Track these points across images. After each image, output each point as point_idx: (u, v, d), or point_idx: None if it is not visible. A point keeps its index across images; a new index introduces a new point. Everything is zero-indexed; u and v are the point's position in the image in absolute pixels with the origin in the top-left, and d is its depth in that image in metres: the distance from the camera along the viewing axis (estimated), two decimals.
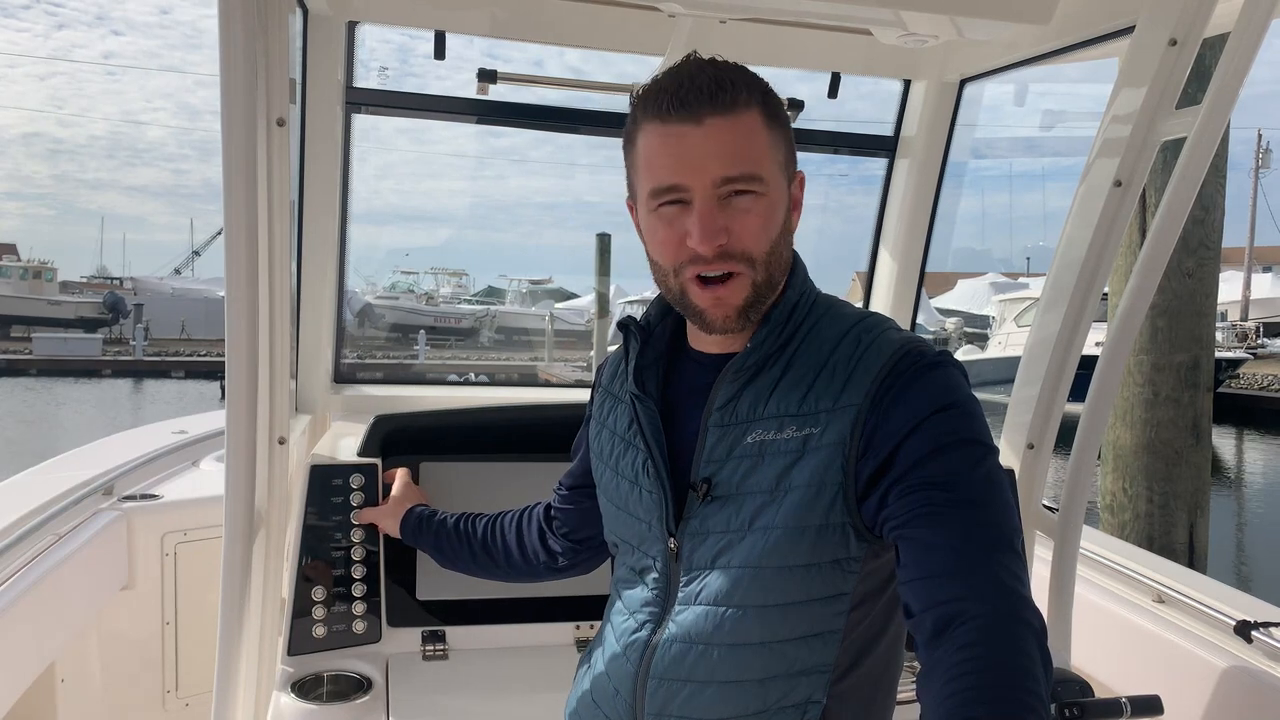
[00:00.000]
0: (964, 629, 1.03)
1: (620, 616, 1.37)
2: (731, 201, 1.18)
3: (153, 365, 32.52)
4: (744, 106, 1.18)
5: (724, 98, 1.17)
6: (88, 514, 2.49)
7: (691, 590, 1.26)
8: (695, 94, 1.16)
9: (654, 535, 1.31)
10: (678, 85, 1.18)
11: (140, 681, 2.68)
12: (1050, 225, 56.57)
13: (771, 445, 1.21)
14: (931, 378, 1.17)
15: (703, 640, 1.24)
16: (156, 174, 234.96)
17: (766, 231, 1.20)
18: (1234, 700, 1.87)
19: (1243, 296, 35.82)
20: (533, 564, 1.72)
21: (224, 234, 1.50)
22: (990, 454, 1.15)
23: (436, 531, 1.81)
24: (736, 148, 1.17)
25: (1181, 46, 1.84)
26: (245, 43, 1.45)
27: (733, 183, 1.18)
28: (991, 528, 1.09)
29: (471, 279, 54.09)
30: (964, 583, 1.06)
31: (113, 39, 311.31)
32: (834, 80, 2.57)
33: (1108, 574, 2.37)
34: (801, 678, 1.22)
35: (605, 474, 1.42)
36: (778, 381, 1.23)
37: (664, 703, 1.25)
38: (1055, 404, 2.05)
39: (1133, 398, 5.83)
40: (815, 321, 1.26)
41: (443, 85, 2.63)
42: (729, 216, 1.18)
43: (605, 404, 1.46)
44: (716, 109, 1.16)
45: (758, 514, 1.21)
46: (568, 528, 1.66)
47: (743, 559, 1.21)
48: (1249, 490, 16.87)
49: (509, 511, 1.78)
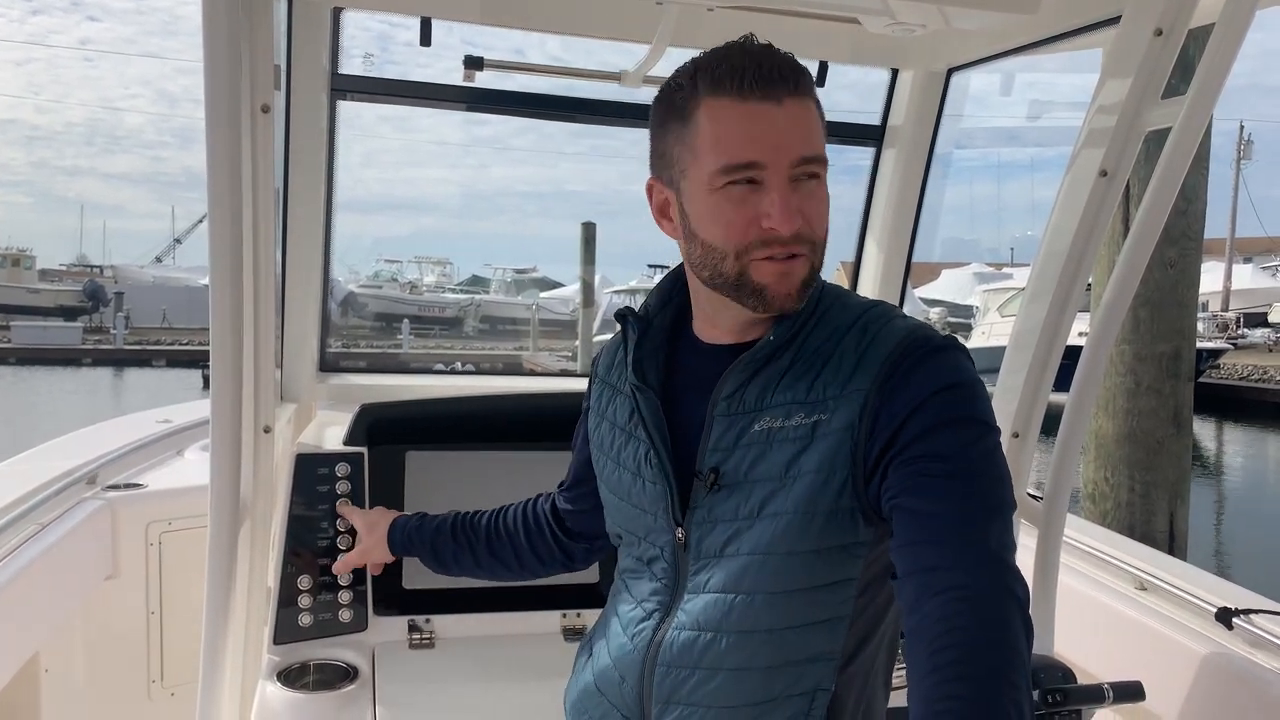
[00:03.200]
0: (947, 597, 1.04)
1: (627, 606, 1.37)
2: (801, 185, 1.19)
3: (133, 354, 32.28)
4: (810, 93, 1.20)
5: (803, 81, 1.19)
6: (71, 503, 2.48)
7: (700, 579, 1.27)
8: (777, 75, 1.17)
9: (660, 526, 1.31)
10: (758, 65, 1.17)
11: (125, 671, 2.67)
12: (1036, 216, 56.65)
13: (780, 432, 1.21)
14: (936, 361, 1.18)
15: (711, 627, 1.24)
16: (135, 161, 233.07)
17: (826, 216, 1.23)
18: (1215, 686, 1.89)
19: (1223, 287, 36.14)
20: (548, 564, 1.70)
21: (208, 221, 1.49)
22: (990, 433, 1.16)
23: (432, 540, 1.74)
24: (810, 130, 1.19)
25: (1167, 37, 1.85)
26: (229, 28, 1.44)
27: (808, 164, 1.19)
28: (983, 498, 1.11)
29: (456, 268, 53.97)
30: (951, 549, 1.07)
31: (89, 25, 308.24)
32: (821, 69, 2.57)
33: (1090, 561, 2.39)
34: (810, 664, 1.23)
35: (607, 466, 1.42)
36: (786, 370, 1.23)
37: (672, 690, 1.26)
38: (1040, 393, 2.06)
39: (1115, 387, 5.87)
40: (824, 311, 1.26)
41: (424, 74, 2.62)
42: (800, 199, 1.19)
43: (603, 395, 1.45)
44: (795, 92, 1.17)
45: (767, 500, 1.21)
46: (581, 529, 1.64)
47: (752, 545, 1.22)
48: (1228, 479, 17.04)
49: (506, 509, 1.73)
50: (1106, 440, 5.95)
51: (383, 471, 2.08)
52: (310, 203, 2.48)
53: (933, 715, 1.00)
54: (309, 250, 2.52)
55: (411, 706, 1.80)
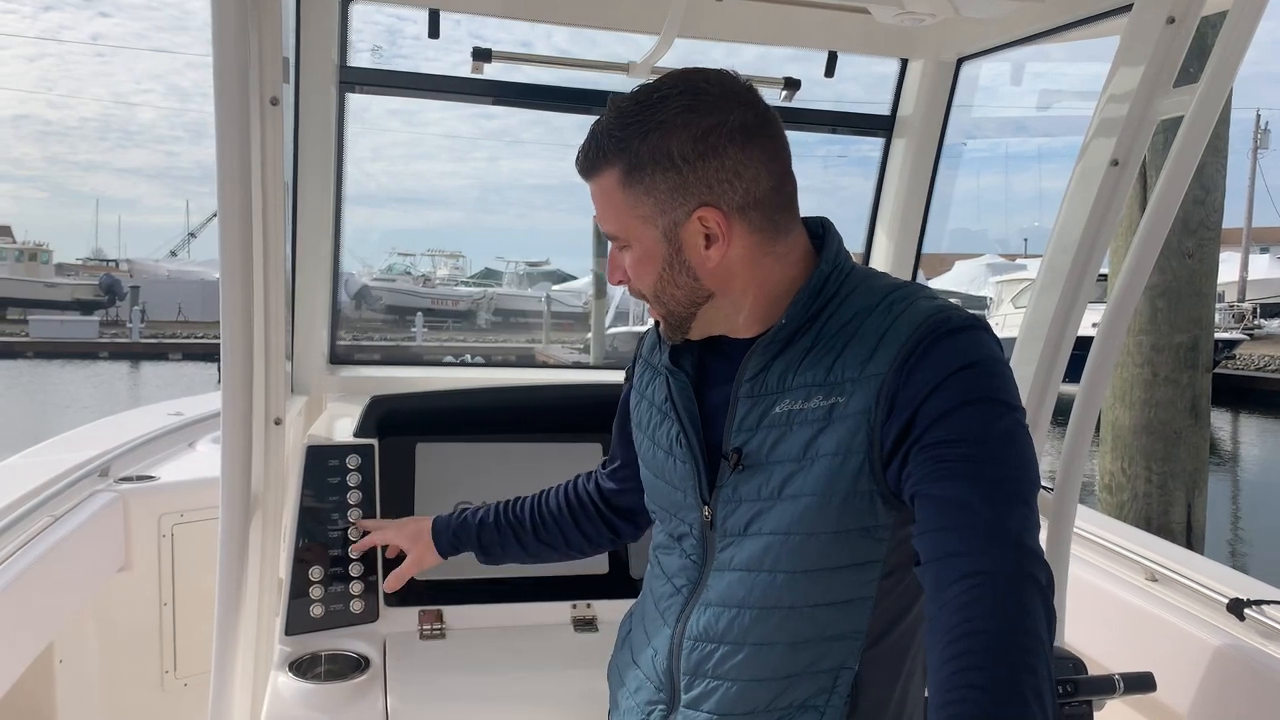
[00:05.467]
0: (967, 584, 1.04)
1: (659, 581, 1.42)
2: (625, 250, 1.30)
3: (150, 348, 32.47)
4: (605, 167, 1.25)
5: (587, 164, 1.27)
6: (84, 495, 2.50)
7: (726, 556, 1.30)
8: (580, 158, 1.28)
9: (689, 503, 1.35)
10: (583, 144, 1.29)
11: (138, 662, 2.69)
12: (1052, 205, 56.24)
13: (799, 415, 1.22)
14: (956, 340, 1.16)
15: (735, 603, 1.27)
16: (149, 156, 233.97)
17: (644, 277, 1.29)
18: (1226, 678, 1.88)
19: (1240, 277, 35.83)
20: (597, 543, 1.74)
21: (218, 214, 1.49)
22: (1011, 412, 1.14)
23: (478, 534, 1.76)
24: (601, 210, 1.29)
25: (1179, 24, 1.83)
26: (238, 21, 1.44)
27: (612, 238, 1.30)
28: (1006, 482, 1.10)
29: (468, 261, 54.07)
30: (970, 535, 1.06)
31: (100, 20, 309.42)
32: (830, 59, 2.56)
33: (1101, 552, 2.38)
34: (833, 643, 1.25)
35: (644, 443, 1.46)
36: (807, 352, 1.24)
37: (699, 663, 1.30)
38: (1050, 384, 2.05)
39: (1132, 378, 5.84)
40: (848, 294, 1.26)
41: (432, 68, 2.62)
42: (625, 260, 1.31)
43: (645, 375, 1.48)
44: (589, 176, 1.28)
45: (787, 481, 1.23)
46: (630, 505, 1.66)
47: (774, 525, 1.24)
48: (1245, 471, 16.92)
49: (546, 495, 1.76)
50: (1123, 431, 5.92)
51: (393, 463, 2.08)
52: (320, 195, 2.49)
53: (950, 704, 0.99)
54: (319, 243, 2.53)
55: (423, 697, 1.80)
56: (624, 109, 1.23)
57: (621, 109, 1.23)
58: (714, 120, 1.19)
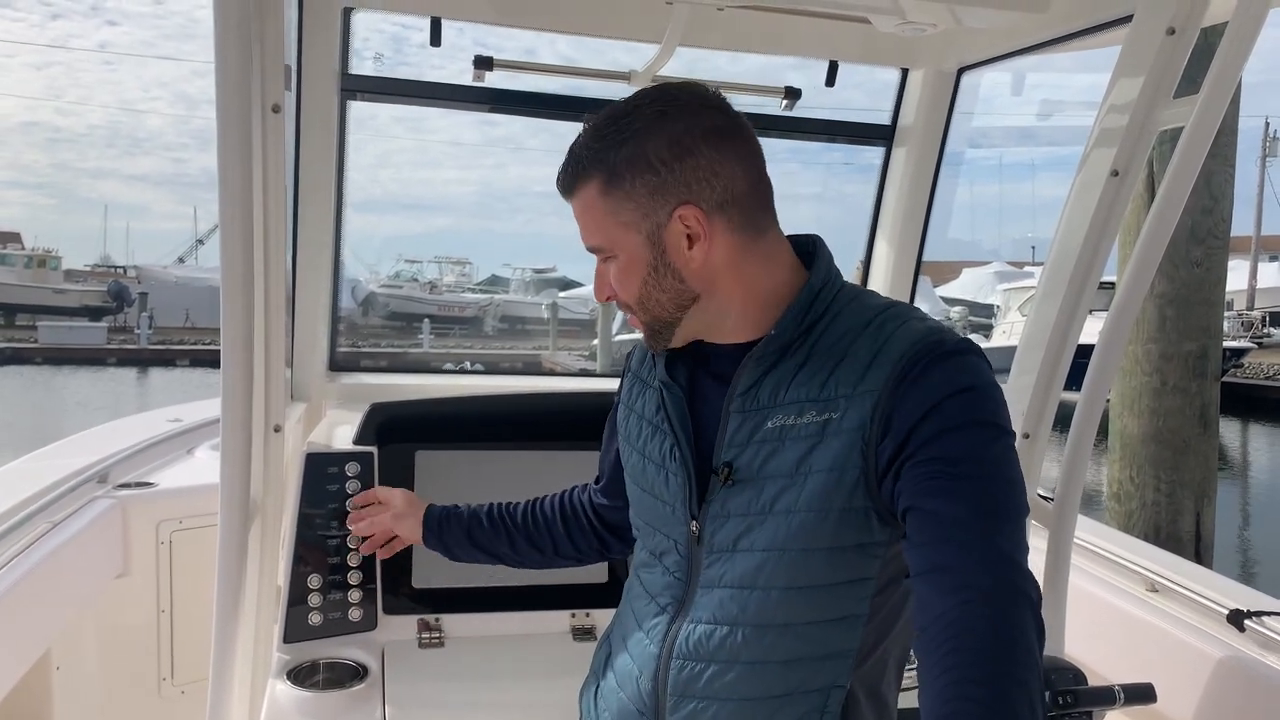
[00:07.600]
0: (960, 597, 1.05)
1: (641, 600, 1.39)
2: (608, 263, 1.32)
3: (158, 354, 32.52)
4: (584, 181, 1.27)
5: (567, 182, 1.30)
6: (83, 501, 2.50)
7: (715, 573, 1.28)
8: (561, 177, 1.30)
9: (677, 518, 1.33)
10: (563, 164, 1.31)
11: (136, 669, 2.69)
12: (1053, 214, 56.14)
13: (792, 430, 1.22)
14: (951, 364, 1.17)
15: (728, 621, 1.26)
16: (157, 163, 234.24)
17: (629, 285, 1.30)
18: (1227, 689, 1.87)
19: (1248, 285, 35.66)
20: (586, 555, 1.72)
21: (219, 220, 1.50)
22: (1003, 436, 1.16)
23: (468, 525, 1.72)
24: (584, 224, 1.31)
25: (1180, 35, 1.83)
26: (240, 28, 1.45)
27: (595, 250, 1.32)
28: (999, 501, 1.11)
29: (475, 268, 54.08)
30: (963, 550, 1.08)
31: (108, 29, 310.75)
32: (831, 69, 2.56)
33: (1101, 563, 2.37)
34: (825, 661, 1.24)
35: (633, 457, 1.44)
36: (799, 368, 1.24)
37: (687, 683, 1.27)
38: (1051, 393, 2.05)
39: (1140, 386, 5.82)
40: (839, 310, 1.27)
41: (436, 75, 2.63)
42: (610, 273, 1.32)
43: (634, 389, 1.48)
44: (569, 193, 1.30)
45: (778, 497, 1.22)
46: (622, 522, 1.59)
47: (767, 542, 1.23)
48: (1254, 480, 16.85)
49: (541, 501, 1.74)
50: (1132, 440, 5.90)
51: (393, 471, 2.08)
52: (321, 202, 2.50)
53: (944, 717, 1.01)
54: (319, 250, 2.53)
55: (421, 705, 1.80)
56: (598, 125, 1.26)
57: (595, 126, 1.26)
58: (687, 124, 1.22)
